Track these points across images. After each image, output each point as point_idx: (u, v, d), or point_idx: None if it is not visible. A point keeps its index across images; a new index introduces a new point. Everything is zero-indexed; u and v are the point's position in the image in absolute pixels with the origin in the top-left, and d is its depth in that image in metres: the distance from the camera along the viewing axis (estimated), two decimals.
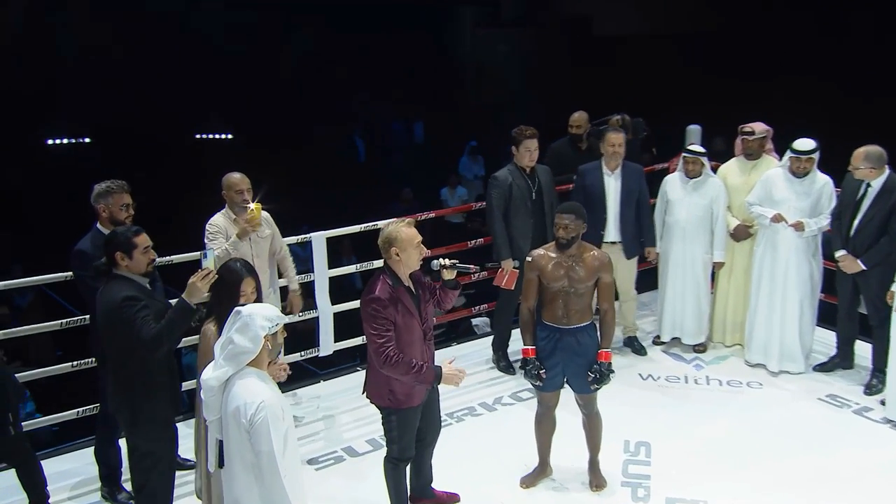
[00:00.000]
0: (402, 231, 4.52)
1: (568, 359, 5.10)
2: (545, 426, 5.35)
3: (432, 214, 7.50)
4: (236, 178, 5.53)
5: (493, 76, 20.37)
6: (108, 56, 15.83)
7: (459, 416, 6.21)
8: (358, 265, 6.81)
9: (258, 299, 4.33)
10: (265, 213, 5.66)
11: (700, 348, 7.14)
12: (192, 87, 15.90)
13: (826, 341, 6.99)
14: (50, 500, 4.97)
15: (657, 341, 7.30)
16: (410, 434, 4.74)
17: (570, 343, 5.07)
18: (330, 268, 6.49)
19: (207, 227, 5.45)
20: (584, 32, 19.19)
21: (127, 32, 15.81)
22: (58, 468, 5.47)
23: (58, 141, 17.02)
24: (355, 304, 6.38)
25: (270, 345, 3.76)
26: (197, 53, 16.23)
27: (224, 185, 5.52)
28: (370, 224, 6.55)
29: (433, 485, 5.16)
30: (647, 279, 7.63)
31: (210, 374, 3.73)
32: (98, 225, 5.02)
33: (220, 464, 3.77)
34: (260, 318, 3.73)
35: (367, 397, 4.73)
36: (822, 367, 6.76)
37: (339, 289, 6.87)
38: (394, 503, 4.85)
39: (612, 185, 6.75)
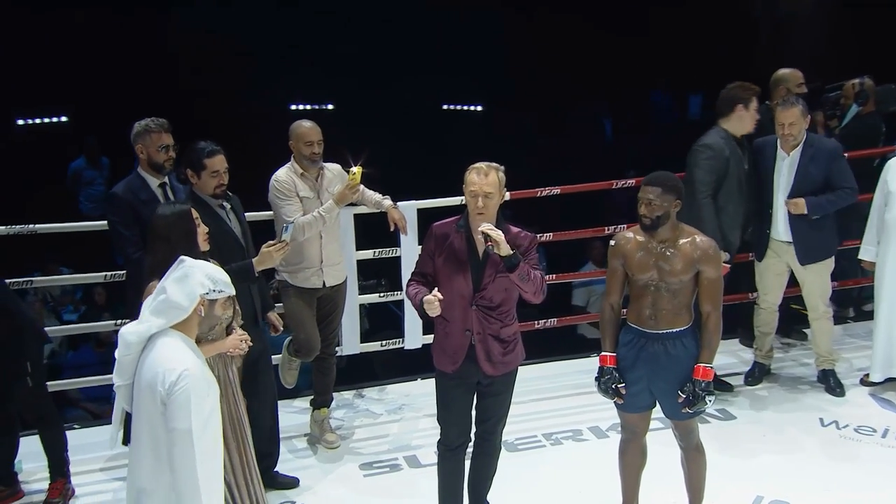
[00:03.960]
0: (470, 170, 3.90)
1: (653, 372, 3.99)
2: (630, 458, 4.24)
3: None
4: (306, 127, 4.89)
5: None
6: None
7: (559, 438, 5.21)
8: None
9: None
10: (337, 167, 5.02)
11: None
12: (449, 60, 15.68)
13: None
14: (70, 469, 4.65)
15: (865, 381, 5.70)
16: (445, 410, 4.07)
17: (657, 352, 3.97)
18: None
19: (274, 183, 4.87)
20: None
21: None
22: (92, 439, 5.13)
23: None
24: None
25: (204, 312, 3.15)
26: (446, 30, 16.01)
27: (292, 135, 4.91)
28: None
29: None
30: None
31: (131, 328, 3.14)
32: (138, 168, 4.63)
33: (126, 440, 3.14)
34: (202, 274, 3.14)
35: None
36: None
37: None
38: (440, 499, 4.16)
39: (785, 169, 5.33)
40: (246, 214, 4.66)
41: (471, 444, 4.18)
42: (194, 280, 3.13)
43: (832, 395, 5.61)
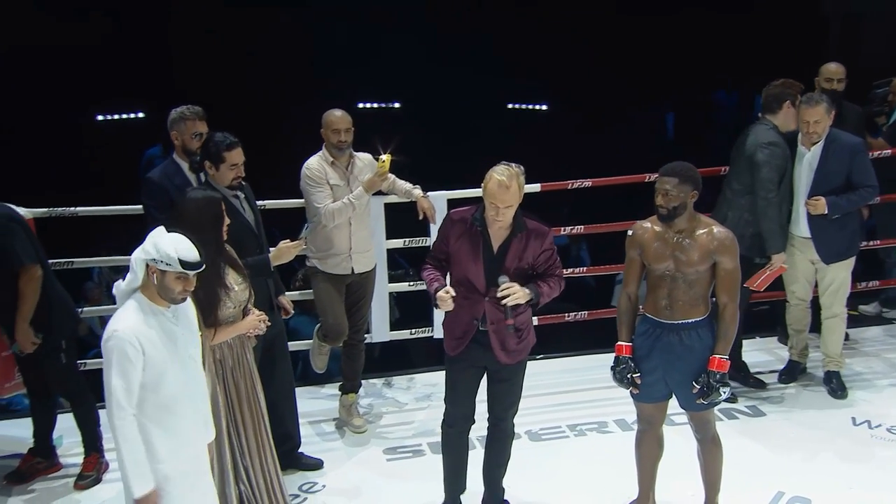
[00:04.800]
0: (492, 179, 3.82)
1: (668, 363, 3.99)
2: (646, 448, 4.24)
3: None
4: (336, 115, 4.97)
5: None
6: None
7: (583, 429, 5.21)
8: None
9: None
10: (368, 156, 5.09)
11: None
12: (514, 59, 15.68)
13: None
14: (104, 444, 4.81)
15: None
16: (451, 391, 4.11)
17: (672, 342, 3.96)
18: None
19: (305, 171, 4.95)
20: None
21: None
22: None
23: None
24: None
25: (156, 280, 3.21)
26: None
27: (323, 122, 4.99)
28: None
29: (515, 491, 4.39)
30: None
31: (117, 284, 3.32)
32: (174, 154, 4.75)
33: None
34: (150, 242, 3.22)
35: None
36: None
37: None
38: (444, 478, 4.23)
39: (805, 165, 5.25)
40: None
41: (471, 429, 4.23)
42: (143, 246, 3.22)
43: (834, 397, 5.52)
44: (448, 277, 4.03)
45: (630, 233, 4.08)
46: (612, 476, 4.57)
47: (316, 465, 4.81)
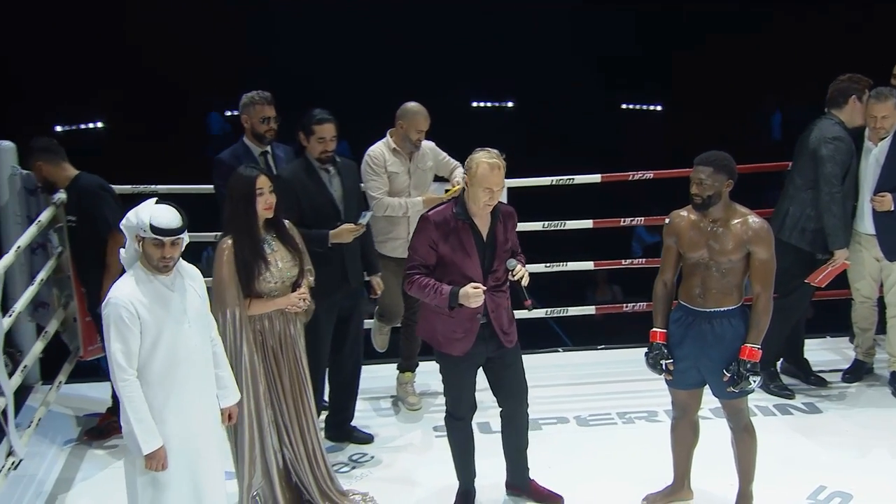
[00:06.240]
0: (481, 164, 3.92)
1: (700, 350, 4.04)
2: (680, 435, 4.31)
3: None
4: (423, 115, 5.09)
5: None
6: None
7: (632, 417, 5.28)
8: (545, 223, 5.92)
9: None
10: (431, 144, 5.27)
11: None
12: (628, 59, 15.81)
13: None
14: None
15: None
16: (458, 388, 4.20)
17: (704, 330, 4.02)
18: None
19: (366, 157, 5.15)
20: None
21: None
22: None
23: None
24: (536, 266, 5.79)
25: (141, 248, 3.42)
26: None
27: (403, 115, 5.11)
28: (563, 178, 5.85)
29: (544, 476, 4.47)
30: None
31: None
32: (244, 137, 5.03)
33: None
34: (133, 211, 3.44)
35: (417, 332, 4.41)
36: None
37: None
38: (455, 464, 4.34)
39: (871, 161, 5.16)
40: None
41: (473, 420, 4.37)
42: (127, 216, 3.44)
43: None
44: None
45: (667, 221, 4.15)
46: (654, 462, 4.57)
47: (367, 439, 5.03)
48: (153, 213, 3.39)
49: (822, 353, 5.99)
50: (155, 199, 3.49)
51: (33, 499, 4.58)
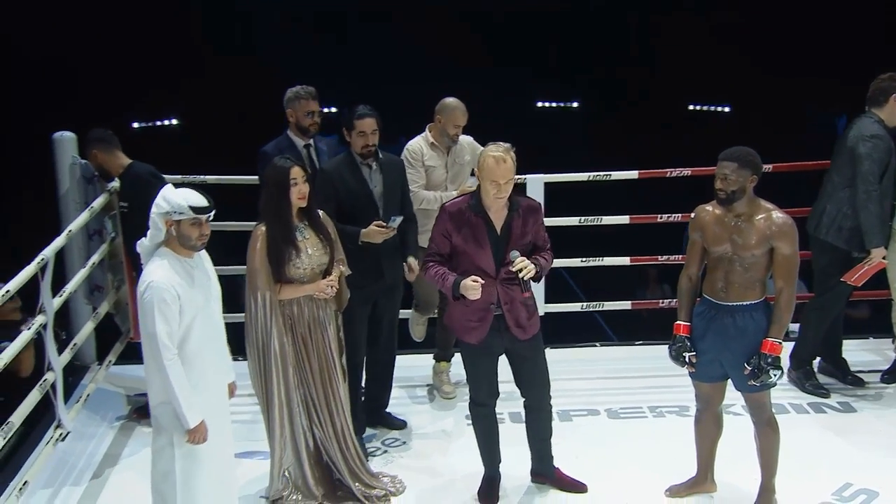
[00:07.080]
0: (487, 157, 4.00)
1: (722, 344, 4.09)
2: (703, 427, 4.35)
3: None
4: (461, 111, 5.19)
5: None
6: None
7: (663, 411, 5.32)
8: (581, 218, 5.96)
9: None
10: (469, 138, 5.37)
11: None
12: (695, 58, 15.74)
13: None
14: None
15: None
16: (477, 376, 4.30)
17: (726, 324, 4.06)
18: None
19: (405, 151, 5.27)
20: None
21: None
22: None
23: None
24: (570, 261, 5.86)
25: (175, 231, 3.57)
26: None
27: (441, 110, 5.21)
28: (600, 173, 5.91)
29: (571, 465, 4.56)
30: None
31: (140, 241, 3.71)
32: (287, 130, 5.20)
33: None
34: (161, 198, 3.58)
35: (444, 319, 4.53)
36: None
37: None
38: (480, 450, 4.46)
39: None
40: None
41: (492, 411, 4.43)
42: (156, 202, 3.58)
43: None
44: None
45: (693, 215, 4.20)
46: (680, 455, 4.59)
47: (400, 425, 5.17)
48: (186, 196, 3.57)
49: (863, 353, 5.96)
50: (171, 185, 3.68)
51: (82, 471, 4.82)
